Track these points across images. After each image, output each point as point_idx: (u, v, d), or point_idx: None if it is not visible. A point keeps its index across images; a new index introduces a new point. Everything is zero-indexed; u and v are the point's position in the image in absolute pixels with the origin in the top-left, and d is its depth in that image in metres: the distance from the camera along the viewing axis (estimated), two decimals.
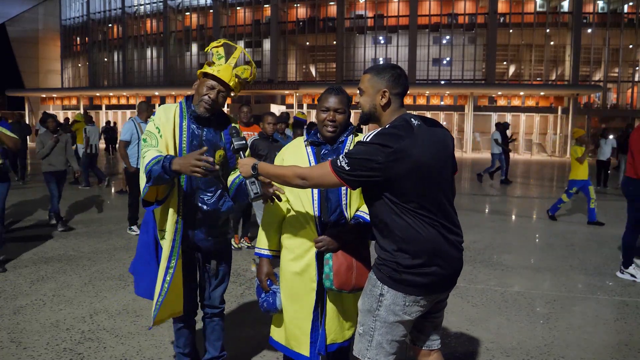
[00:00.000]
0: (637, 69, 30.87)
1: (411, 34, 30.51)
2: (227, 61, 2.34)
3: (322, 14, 33.12)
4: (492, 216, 8.47)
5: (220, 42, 2.38)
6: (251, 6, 33.67)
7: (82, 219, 7.34)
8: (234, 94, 2.45)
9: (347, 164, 1.77)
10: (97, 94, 35.11)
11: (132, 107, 32.42)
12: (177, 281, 2.36)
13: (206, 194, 2.40)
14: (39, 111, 32.56)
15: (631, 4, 30.30)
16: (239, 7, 34.21)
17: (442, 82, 30.43)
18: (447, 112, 28.52)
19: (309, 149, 2.24)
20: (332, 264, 2.09)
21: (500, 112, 27.85)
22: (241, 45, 34.11)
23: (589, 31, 29.63)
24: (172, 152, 2.32)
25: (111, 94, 34.42)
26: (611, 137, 11.98)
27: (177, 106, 2.41)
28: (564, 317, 3.86)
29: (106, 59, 38.91)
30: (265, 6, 33.16)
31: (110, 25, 38.53)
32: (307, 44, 33.41)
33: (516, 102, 27.48)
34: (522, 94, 27.23)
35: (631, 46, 30.21)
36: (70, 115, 26.60)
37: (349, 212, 2.20)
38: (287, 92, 29.46)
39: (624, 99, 31.39)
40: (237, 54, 2.38)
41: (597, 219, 7.61)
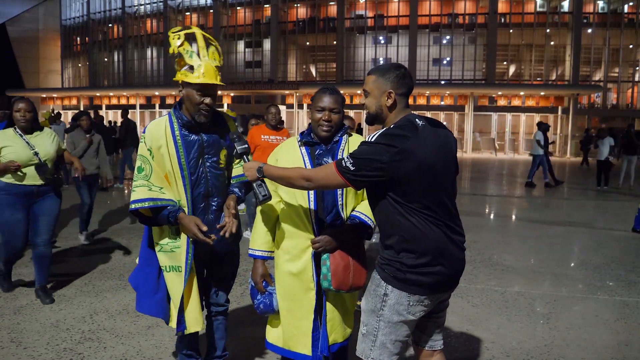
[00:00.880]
0: (637, 69, 30.89)
1: (411, 34, 30.51)
2: (198, 55, 2.23)
3: (322, 14, 33.11)
4: (492, 216, 8.46)
5: (176, 36, 2.23)
6: (251, 6, 33.67)
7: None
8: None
9: (352, 164, 1.77)
10: (98, 94, 35.13)
11: (133, 107, 32.44)
12: (190, 284, 2.39)
13: (214, 199, 2.41)
14: (39, 111, 32.49)
15: (631, 4, 30.30)
16: (239, 7, 34.21)
17: (442, 82, 30.41)
18: (447, 112, 28.49)
19: (303, 149, 2.22)
20: (329, 264, 2.09)
21: (500, 112, 27.82)
22: (241, 45, 34.15)
23: (589, 31, 29.63)
24: (169, 167, 2.31)
25: (111, 94, 34.45)
26: (608, 137, 11.96)
27: (167, 119, 2.35)
28: (564, 317, 3.85)
29: (106, 59, 38.95)
30: (265, 6, 33.16)
31: (110, 25, 38.58)
32: (307, 44, 33.41)
33: (516, 102, 27.44)
34: (522, 94, 27.20)
35: (631, 46, 30.21)
36: (70, 115, 26.59)
37: (345, 213, 2.19)
38: (287, 92, 29.45)
39: (624, 99, 31.40)
40: (201, 43, 2.25)
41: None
